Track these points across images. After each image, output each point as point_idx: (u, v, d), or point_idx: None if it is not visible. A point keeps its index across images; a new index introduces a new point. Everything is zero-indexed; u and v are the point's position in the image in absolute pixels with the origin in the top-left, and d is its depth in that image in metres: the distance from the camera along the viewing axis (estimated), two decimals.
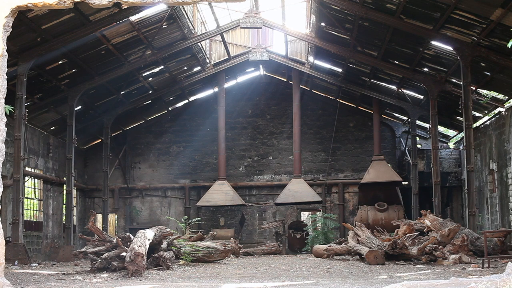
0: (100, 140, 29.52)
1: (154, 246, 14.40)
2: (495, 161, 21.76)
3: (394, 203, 26.04)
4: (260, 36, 27.36)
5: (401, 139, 29.73)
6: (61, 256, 21.18)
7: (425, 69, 22.63)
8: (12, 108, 15.44)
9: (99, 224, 27.03)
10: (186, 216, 26.74)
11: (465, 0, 15.95)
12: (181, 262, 15.91)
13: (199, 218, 27.17)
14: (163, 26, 21.73)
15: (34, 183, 24.56)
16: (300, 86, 28.45)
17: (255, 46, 27.07)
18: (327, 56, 25.70)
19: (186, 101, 31.05)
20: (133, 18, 20.18)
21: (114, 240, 13.32)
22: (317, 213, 28.42)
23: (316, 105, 30.28)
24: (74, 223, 26.63)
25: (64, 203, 25.49)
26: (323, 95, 30.56)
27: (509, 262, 6.56)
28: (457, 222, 21.38)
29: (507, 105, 21.09)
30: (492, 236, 16.35)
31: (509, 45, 9.92)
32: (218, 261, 17.88)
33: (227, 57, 27.65)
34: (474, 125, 22.77)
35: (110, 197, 28.64)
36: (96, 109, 27.06)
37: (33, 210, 24.67)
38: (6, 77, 8.54)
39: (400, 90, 25.92)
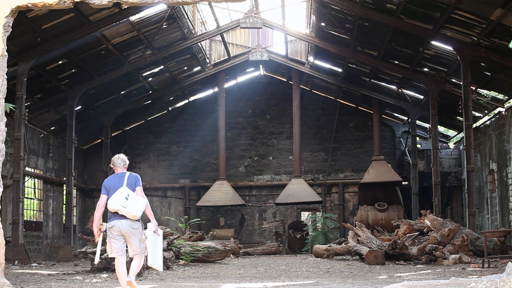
0: (100, 140, 29.51)
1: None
2: (495, 161, 21.76)
3: (394, 203, 26.04)
4: (260, 36, 27.35)
5: (401, 139, 29.73)
6: (61, 256, 21.18)
7: (425, 69, 22.63)
8: (13, 106, 15.43)
9: None
10: (186, 216, 26.73)
11: (465, 0, 15.95)
12: (181, 262, 15.92)
13: (199, 219, 27.16)
14: (163, 26, 21.73)
15: (34, 183, 24.56)
16: (300, 86, 28.44)
17: (255, 46, 27.07)
18: (327, 56, 25.70)
19: (186, 101, 31.05)
20: (133, 18, 20.18)
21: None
22: (317, 213, 28.41)
23: (316, 105, 30.26)
24: (74, 223, 26.62)
25: (64, 203, 25.49)
26: (323, 95, 30.55)
27: (509, 262, 6.56)
28: (457, 222, 21.36)
29: (507, 105, 21.09)
30: (492, 236, 16.35)
31: (510, 45, 9.91)
32: (218, 261, 17.90)
33: (227, 57, 27.64)
34: (474, 125, 22.76)
35: None
36: (96, 109, 27.06)
37: (33, 210, 24.67)
38: (6, 77, 8.54)
39: (400, 90, 25.92)
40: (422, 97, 25.64)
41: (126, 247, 8.09)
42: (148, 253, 8.05)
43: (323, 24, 22.41)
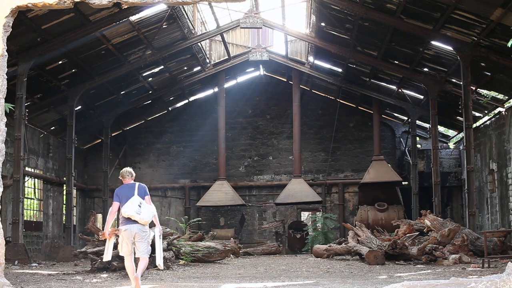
0: (100, 140, 29.52)
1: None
2: (495, 161, 21.76)
3: (394, 203, 26.03)
4: (260, 36, 27.35)
5: (401, 139, 29.72)
6: (61, 256, 21.18)
7: (425, 69, 22.62)
8: (12, 106, 15.43)
9: (99, 224, 27.01)
10: (186, 216, 26.73)
11: (465, 0, 15.95)
12: (181, 262, 15.92)
13: (199, 218, 27.16)
14: (163, 26, 21.72)
15: (34, 183, 24.55)
16: (300, 86, 28.45)
17: (255, 46, 27.07)
18: (327, 56, 25.69)
19: (186, 101, 31.05)
20: (133, 18, 20.18)
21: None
22: (317, 213, 28.40)
23: (316, 105, 30.26)
24: (74, 223, 26.62)
25: (64, 203, 25.49)
26: (323, 95, 30.55)
27: (509, 262, 6.56)
28: (457, 222, 21.37)
29: (507, 105, 21.09)
30: (492, 236, 16.35)
31: (509, 44, 9.91)
32: (218, 261, 17.89)
33: (227, 57, 27.64)
34: (474, 125, 22.76)
35: (110, 197, 28.59)
36: (96, 109, 27.06)
37: (33, 210, 24.67)
38: (6, 77, 8.54)
39: (400, 90, 25.91)
40: (422, 97, 25.63)
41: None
42: (157, 254, 9.26)
43: (323, 24, 22.40)
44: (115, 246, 9.75)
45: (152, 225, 9.20)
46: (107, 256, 9.45)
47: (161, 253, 9.35)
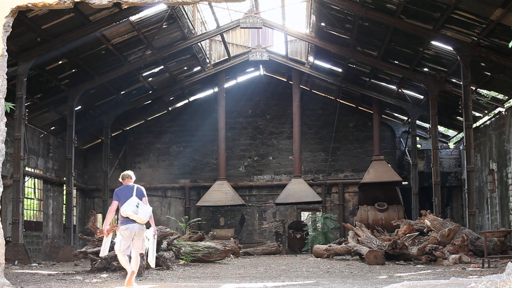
0: (100, 140, 29.51)
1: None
2: (495, 161, 21.76)
3: (394, 203, 26.03)
4: (260, 36, 27.35)
5: (401, 139, 29.72)
6: (61, 256, 21.18)
7: (425, 69, 22.62)
8: (12, 105, 15.43)
9: (99, 224, 27.01)
10: (186, 216, 26.72)
11: (465, 0, 15.95)
12: (181, 262, 15.92)
13: (199, 218, 27.16)
14: (163, 26, 21.73)
15: (34, 183, 24.55)
16: (300, 86, 28.45)
17: (255, 46, 27.07)
18: (327, 56, 25.69)
19: (186, 101, 31.05)
20: (133, 18, 20.18)
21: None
22: (317, 213, 28.40)
23: (316, 105, 30.26)
24: (74, 223, 26.62)
25: (64, 203, 25.49)
26: (323, 95, 30.55)
27: (509, 262, 6.56)
28: (457, 222, 21.37)
29: (507, 105, 21.09)
30: (492, 236, 16.35)
31: (510, 45, 9.90)
32: (218, 261, 17.89)
33: (227, 57, 27.64)
34: (474, 125, 22.76)
35: (110, 197, 28.59)
36: (96, 109, 27.06)
37: (33, 210, 24.66)
38: (6, 77, 8.54)
39: (400, 90, 25.91)
40: (422, 97, 25.63)
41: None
42: (149, 251, 9.83)
43: (323, 24, 22.41)
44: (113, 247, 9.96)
45: (148, 225, 9.68)
46: (104, 252, 9.96)
47: (154, 252, 9.96)
